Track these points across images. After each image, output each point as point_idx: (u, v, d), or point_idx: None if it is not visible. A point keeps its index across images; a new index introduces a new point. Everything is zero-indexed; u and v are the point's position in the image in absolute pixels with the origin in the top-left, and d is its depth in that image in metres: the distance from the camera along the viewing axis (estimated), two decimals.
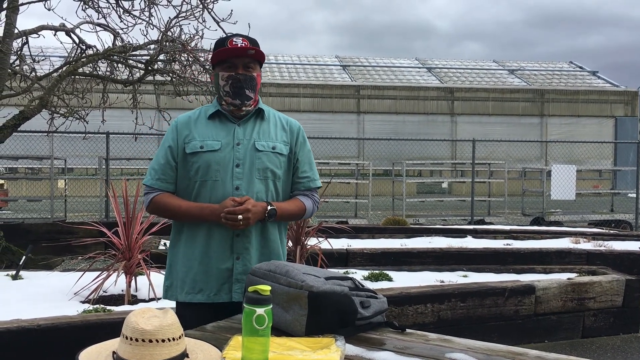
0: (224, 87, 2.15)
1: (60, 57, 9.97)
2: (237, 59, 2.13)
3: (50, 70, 7.81)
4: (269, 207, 2.10)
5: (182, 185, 2.18)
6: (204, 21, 6.92)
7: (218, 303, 2.11)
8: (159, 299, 4.47)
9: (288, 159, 2.22)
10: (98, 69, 7.82)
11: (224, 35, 2.30)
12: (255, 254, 2.15)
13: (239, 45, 2.12)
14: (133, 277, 4.69)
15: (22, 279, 5.19)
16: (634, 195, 13.16)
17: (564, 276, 5.53)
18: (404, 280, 5.52)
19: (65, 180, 12.09)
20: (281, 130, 2.24)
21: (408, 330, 1.72)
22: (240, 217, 2.00)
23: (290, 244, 5.65)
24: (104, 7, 7.02)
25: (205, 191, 2.13)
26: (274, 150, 2.17)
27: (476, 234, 8.65)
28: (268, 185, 2.16)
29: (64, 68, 7.31)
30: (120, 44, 7.27)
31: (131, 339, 1.28)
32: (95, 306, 4.23)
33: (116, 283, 4.65)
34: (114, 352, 1.32)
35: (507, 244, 7.73)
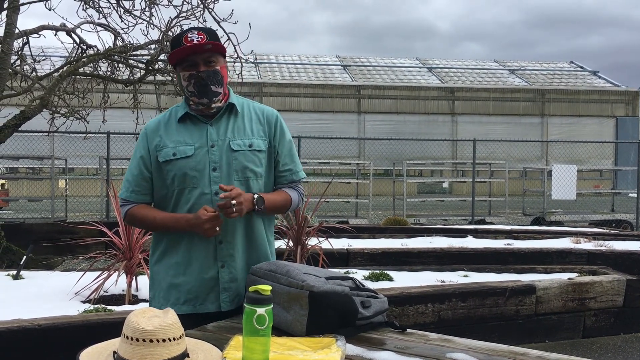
0: (188, 87, 2.03)
1: (61, 57, 9.98)
2: (196, 56, 2.00)
3: (51, 70, 7.82)
4: (255, 196, 2.00)
5: (160, 194, 2.08)
6: (204, 21, 6.94)
7: (205, 313, 2.02)
8: None
9: (268, 154, 2.11)
10: (99, 68, 7.83)
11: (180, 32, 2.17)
12: (242, 259, 2.05)
13: (195, 40, 1.99)
14: (134, 277, 4.69)
15: (23, 278, 5.19)
16: (635, 195, 13.14)
17: (564, 276, 5.53)
18: (404, 280, 5.51)
19: (66, 180, 12.10)
20: (257, 123, 2.12)
21: (409, 330, 1.72)
22: (233, 202, 1.89)
23: (291, 244, 5.65)
24: (105, 7, 7.05)
25: (183, 199, 2.03)
26: (250, 148, 2.06)
27: (477, 233, 8.64)
28: (249, 185, 2.05)
29: (65, 68, 7.32)
30: (120, 43, 7.28)
31: (132, 338, 1.28)
32: (96, 306, 4.23)
33: (117, 283, 4.65)
34: (114, 352, 1.33)
35: (507, 244, 7.72)
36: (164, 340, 1.29)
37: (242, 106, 2.14)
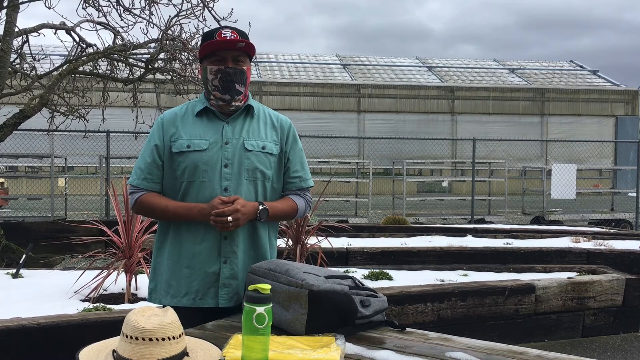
0: (213, 81, 2.05)
1: (60, 55, 9.97)
2: (227, 52, 2.04)
3: (51, 69, 7.82)
4: (260, 207, 2.01)
5: (168, 185, 2.09)
6: (204, 20, 6.93)
7: (204, 308, 2.02)
8: None
9: (278, 159, 2.14)
10: (98, 67, 7.82)
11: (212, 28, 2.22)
12: (243, 257, 2.06)
13: (228, 37, 2.02)
14: (133, 276, 4.69)
15: (23, 277, 5.19)
16: (634, 194, 13.15)
17: (564, 275, 5.53)
18: (404, 279, 5.51)
19: (65, 179, 12.09)
20: (271, 128, 2.15)
21: (408, 329, 1.72)
22: (229, 218, 1.91)
23: (290, 242, 5.65)
24: (105, 6, 7.02)
25: (192, 192, 2.03)
26: (263, 150, 2.08)
27: (476, 233, 8.64)
28: (257, 186, 2.07)
29: (64, 66, 7.31)
30: (120, 42, 7.27)
31: (131, 337, 1.28)
32: (95, 305, 4.23)
33: (116, 282, 4.65)
34: (114, 351, 1.33)
35: (507, 243, 7.72)
36: (163, 339, 1.29)
37: (259, 110, 2.18)
